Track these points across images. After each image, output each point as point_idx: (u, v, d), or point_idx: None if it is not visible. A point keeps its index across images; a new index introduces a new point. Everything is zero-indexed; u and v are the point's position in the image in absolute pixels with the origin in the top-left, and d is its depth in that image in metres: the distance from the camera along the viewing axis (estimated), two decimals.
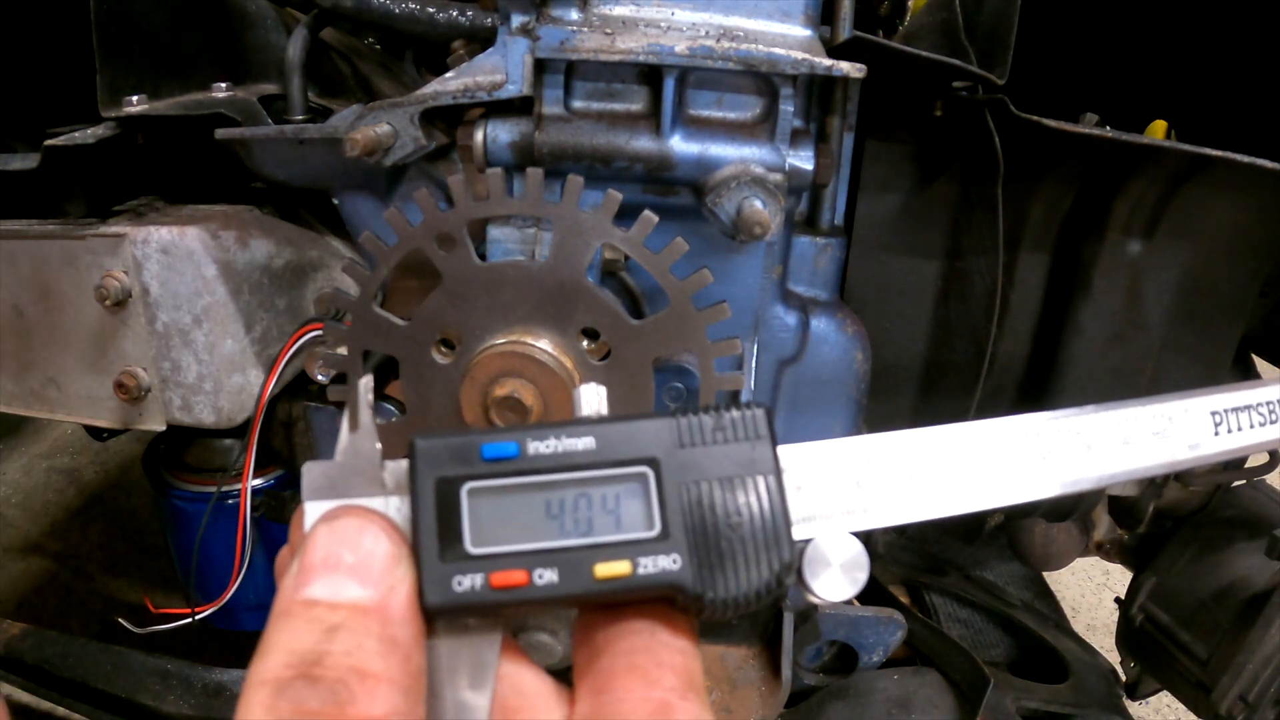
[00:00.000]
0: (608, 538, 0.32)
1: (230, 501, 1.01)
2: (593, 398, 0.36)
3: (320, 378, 0.87)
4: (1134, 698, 1.32)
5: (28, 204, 0.93)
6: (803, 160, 0.78)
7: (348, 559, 0.30)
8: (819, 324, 0.90)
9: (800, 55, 0.73)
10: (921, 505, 0.36)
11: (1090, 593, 2.23)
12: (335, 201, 0.91)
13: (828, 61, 0.73)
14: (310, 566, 0.30)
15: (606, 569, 0.31)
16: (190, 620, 1.03)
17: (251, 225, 0.92)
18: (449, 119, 0.82)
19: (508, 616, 0.32)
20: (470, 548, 0.31)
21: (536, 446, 0.33)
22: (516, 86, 0.76)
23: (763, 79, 0.76)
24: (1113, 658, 1.32)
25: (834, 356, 0.91)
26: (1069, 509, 1.18)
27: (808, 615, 1.01)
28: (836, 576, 0.34)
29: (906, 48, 0.78)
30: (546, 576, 0.31)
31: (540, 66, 0.75)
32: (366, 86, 1.06)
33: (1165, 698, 1.35)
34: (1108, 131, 0.82)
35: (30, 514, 2.24)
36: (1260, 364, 1.20)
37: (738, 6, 0.76)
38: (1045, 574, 1.51)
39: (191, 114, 0.88)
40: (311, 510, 0.32)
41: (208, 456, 1.09)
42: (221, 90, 0.92)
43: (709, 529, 0.32)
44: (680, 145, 0.76)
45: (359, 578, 0.30)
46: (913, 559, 1.46)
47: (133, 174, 0.98)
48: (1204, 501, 1.25)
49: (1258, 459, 1.19)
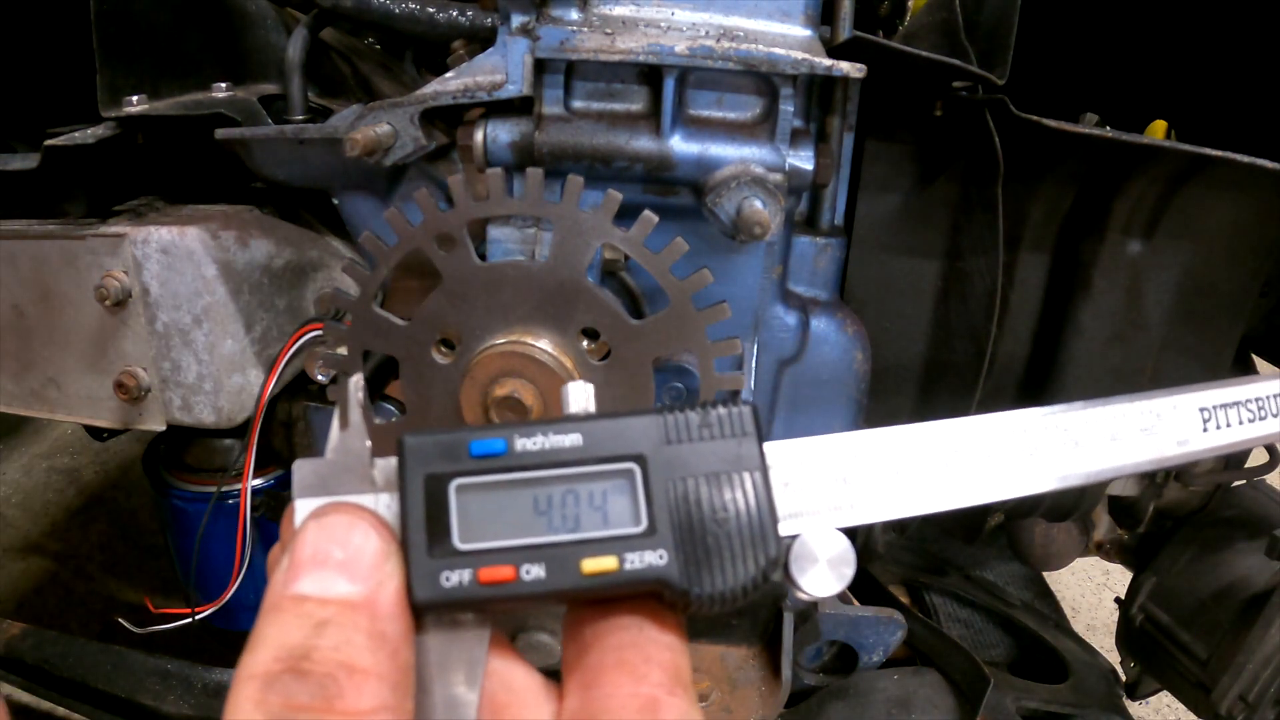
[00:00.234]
0: (595, 533, 0.32)
1: (230, 501, 1.01)
2: (580, 395, 0.36)
3: (320, 378, 0.87)
4: (1134, 698, 1.32)
5: (28, 204, 0.93)
6: (803, 160, 0.78)
7: (337, 555, 0.30)
8: (819, 324, 0.90)
9: (800, 55, 0.73)
10: (908, 501, 0.36)
11: (1090, 593, 2.23)
12: (335, 201, 0.91)
13: (828, 61, 0.73)
14: (300, 562, 0.30)
15: (593, 564, 0.31)
16: (190, 620, 1.03)
17: (251, 225, 0.92)
18: (449, 119, 0.82)
19: (496, 612, 0.32)
20: (458, 544, 0.31)
21: (524, 443, 0.33)
22: (516, 86, 0.76)
23: (763, 79, 0.76)
24: (1113, 658, 1.32)
25: (834, 356, 0.91)
26: (1069, 509, 1.18)
27: (808, 615, 1.01)
28: (823, 572, 0.35)
29: (906, 48, 0.78)
30: (534, 572, 0.31)
31: (540, 66, 0.75)
32: (366, 86, 1.06)
33: (1165, 698, 1.35)
34: (1108, 131, 0.82)
35: (30, 514, 2.24)
36: (1260, 364, 1.20)
37: (738, 6, 0.76)
38: (1045, 574, 1.51)
39: (191, 114, 0.88)
40: (302, 507, 0.32)
41: (208, 456, 1.09)
42: (221, 90, 0.92)
43: (695, 525, 0.32)
44: (680, 145, 0.76)
45: (348, 573, 0.30)
46: (913, 559, 1.45)
47: (133, 174, 0.98)
48: (1204, 501, 1.25)
49: (1257, 459, 1.19)
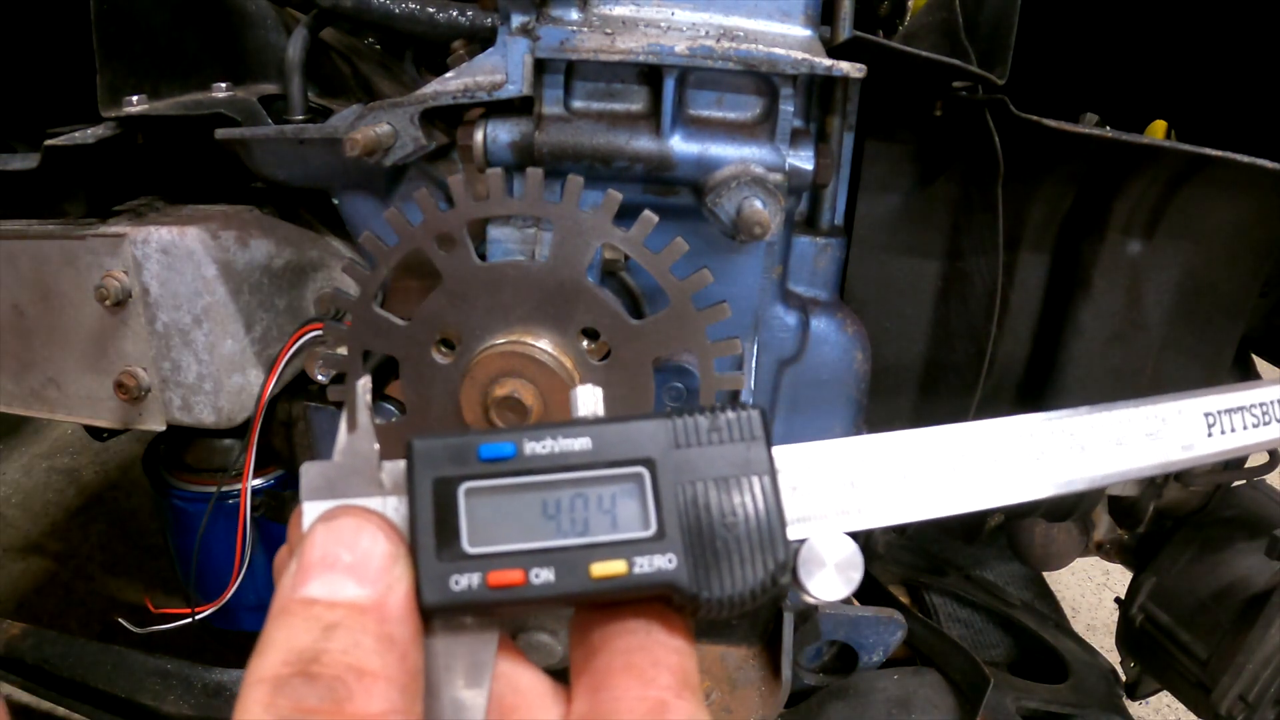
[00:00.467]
0: (604, 537, 0.32)
1: (230, 501, 1.01)
2: (589, 398, 0.36)
3: (320, 378, 0.87)
4: (1134, 698, 1.32)
5: (28, 204, 0.93)
6: (803, 160, 0.78)
7: (345, 558, 0.30)
8: (819, 324, 0.90)
9: (800, 55, 0.73)
10: (916, 506, 0.37)
11: (1090, 593, 2.23)
12: (335, 201, 0.91)
13: (828, 61, 0.73)
14: (308, 565, 0.30)
15: (602, 568, 0.31)
16: (190, 620, 1.03)
17: (251, 225, 0.92)
18: (449, 119, 0.82)
19: (505, 615, 0.32)
20: (467, 547, 0.31)
21: (533, 447, 0.33)
22: (516, 86, 0.76)
23: (763, 79, 0.76)
24: (1113, 658, 1.32)
25: (834, 356, 0.91)
26: (1069, 509, 1.18)
27: (808, 615, 1.01)
28: (831, 576, 0.35)
29: (906, 48, 0.78)
30: (543, 576, 0.31)
31: (540, 66, 0.75)
32: (366, 86, 1.06)
33: (1165, 698, 1.35)
34: (1108, 131, 0.82)
35: (30, 514, 2.24)
36: (1260, 364, 1.20)
37: (738, 6, 0.76)
38: (1045, 574, 1.51)
39: (191, 114, 0.88)
40: (310, 510, 0.32)
41: (208, 456, 1.09)
42: (221, 90, 0.92)
43: (704, 529, 0.32)
44: (680, 145, 0.76)
45: (357, 576, 0.30)
46: (913, 559, 1.45)
47: (133, 174, 0.98)
48: (1204, 501, 1.25)
49: (1257, 459, 1.19)
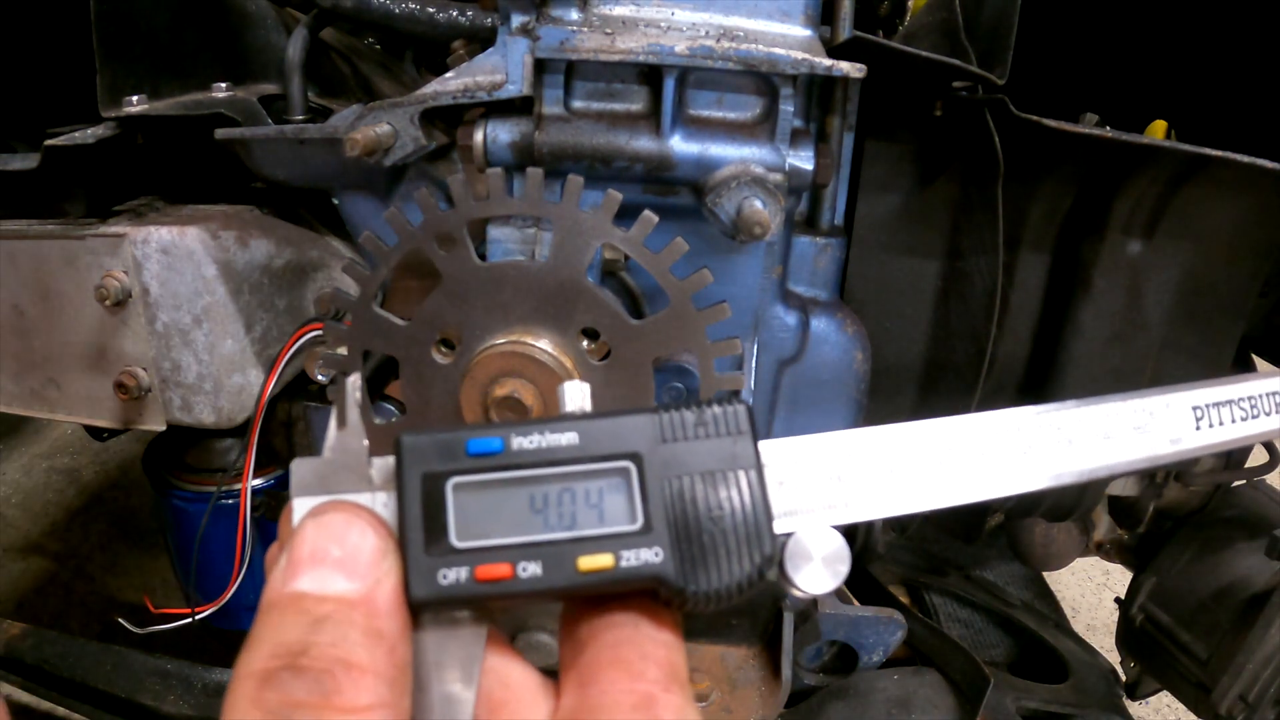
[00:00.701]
0: (591, 531, 0.32)
1: (230, 501, 1.01)
2: (576, 394, 0.36)
3: (320, 378, 0.87)
4: (1134, 698, 1.32)
5: (28, 204, 0.93)
6: (803, 160, 0.78)
7: (334, 553, 0.31)
8: (819, 324, 0.90)
9: (800, 55, 0.73)
10: (903, 499, 0.37)
11: (1090, 593, 2.23)
12: (335, 201, 0.91)
13: (828, 61, 0.73)
14: (298, 560, 0.31)
15: (589, 562, 0.32)
16: (190, 620, 1.03)
17: (251, 225, 0.92)
18: (449, 119, 0.82)
19: (493, 609, 0.33)
20: (455, 542, 0.31)
21: (520, 442, 0.33)
22: (516, 86, 0.76)
23: (763, 79, 0.76)
24: (1113, 658, 1.32)
25: (834, 356, 0.91)
26: (1069, 509, 1.18)
27: (808, 615, 1.01)
28: (818, 570, 0.35)
29: (906, 48, 0.78)
30: (530, 569, 0.31)
31: (540, 66, 0.75)
32: (366, 86, 1.06)
33: (1165, 698, 1.35)
34: (1108, 131, 0.82)
35: (30, 514, 2.24)
36: (1260, 364, 1.20)
37: (738, 6, 0.76)
38: (1045, 574, 1.51)
39: (191, 114, 0.88)
40: (300, 506, 0.32)
41: (208, 456, 1.09)
42: (221, 90, 0.92)
43: (691, 522, 0.33)
44: (680, 145, 0.76)
45: (345, 571, 0.30)
46: (913, 559, 1.45)
47: (133, 174, 0.98)
48: (1204, 501, 1.25)
49: (1257, 459, 1.19)
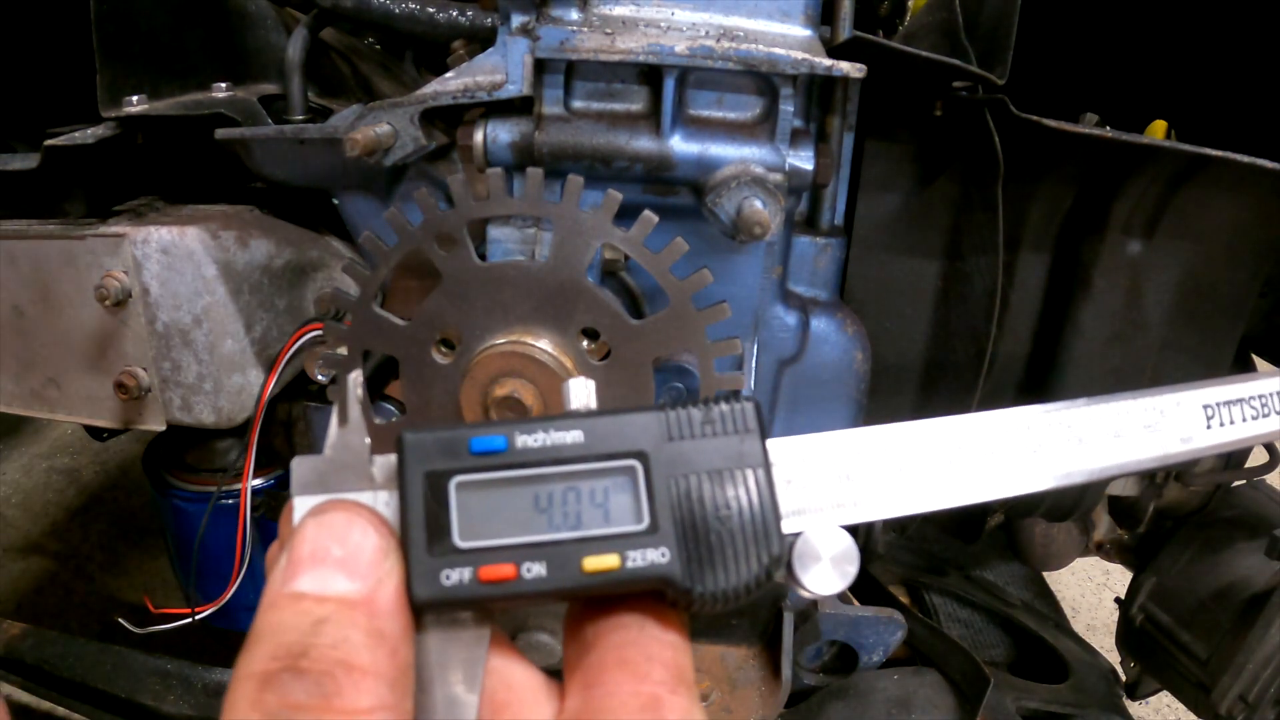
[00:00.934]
0: (596, 531, 0.32)
1: (230, 501, 1.01)
2: (581, 392, 0.36)
3: (320, 378, 0.87)
4: (1134, 698, 1.32)
5: (28, 204, 0.93)
6: (803, 160, 0.78)
7: (336, 552, 0.30)
8: (819, 324, 0.90)
9: (800, 55, 0.73)
10: (912, 498, 0.36)
11: (1090, 593, 2.23)
12: (335, 201, 0.91)
13: (828, 61, 0.73)
14: (298, 560, 0.30)
15: (595, 562, 0.31)
16: (190, 620, 1.03)
17: (251, 225, 0.92)
18: (449, 119, 0.82)
19: (497, 610, 0.32)
20: (458, 542, 0.31)
21: (525, 440, 0.32)
22: (516, 86, 0.76)
23: (763, 79, 0.76)
24: (1113, 658, 1.32)
25: (834, 356, 0.91)
26: (1069, 509, 1.18)
27: (808, 615, 1.01)
28: (826, 570, 0.34)
29: (906, 48, 0.78)
30: (535, 570, 0.31)
31: (540, 66, 0.75)
32: (366, 86, 1.06)
33: (1165, 698, 1.35)
34: (1108, 131, 0.82)
35: (30, 514, 2.24)
36: (1260, 364, 1.20)
37: (738, 6, 0.76)
38: (1045, 574, 1.51)
39: (191, 114, 0.88)
40: (300, 505, 0.32)
41: (208, 456, 1.09)
42: (221, 90, 0.92)
43: (698, 522, 0.32)
44: (680, 145, 0.76)
45: (347, 571, 0.30)
46: (913, 559, 1.45)
47: (133, 174, 0.98)
48: (1204, 501, 1.25)
49: (1257, 458, 1.19)
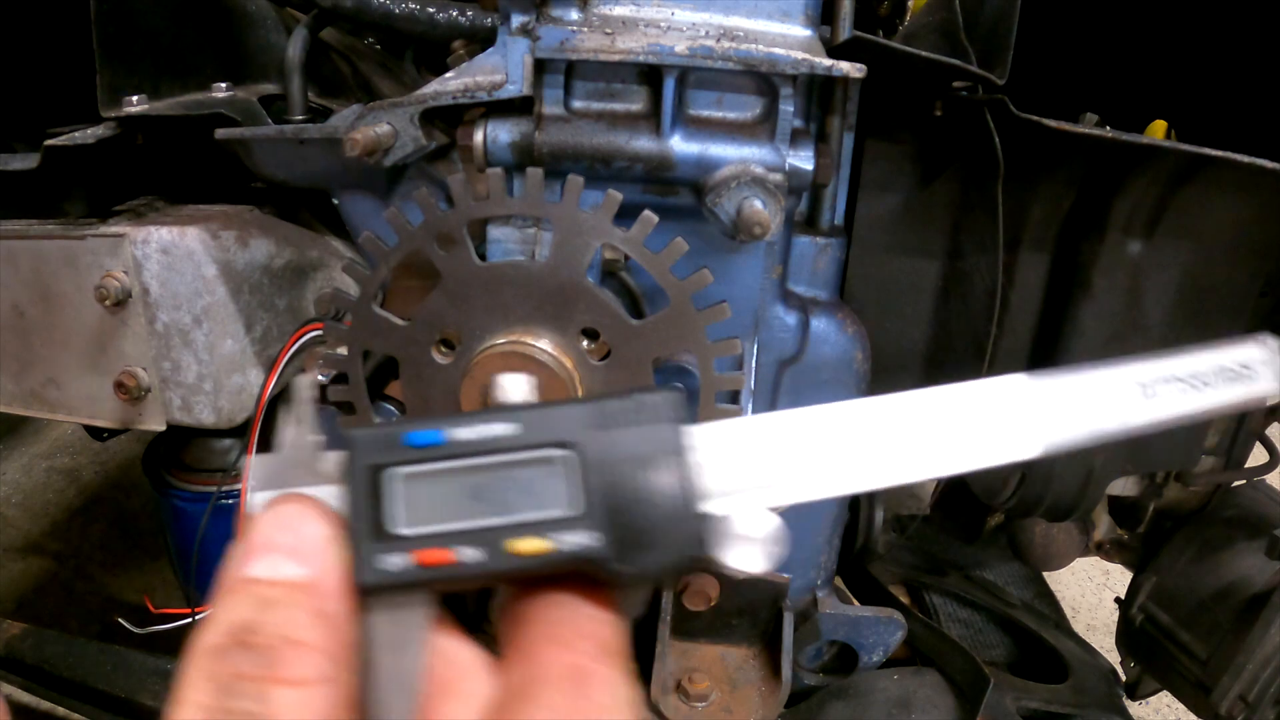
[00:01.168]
0: (529, 516, 0.34)
1: (230, 501, 1.01)
2: (515, 387, 0.38)
3: (320, 378, 0.87)
4: (1134, 698, 1.32)
5: (28, 204, 0.93)
6: (803, 160, 0.78)
7: (286, 541, 0.33)
8: (819, 324, 0.90)
9: (800, 55, 0.73)
10: (836, 479, 0.37)
11: (1090, 593, 2.23)
12: (335, 201, 0.91)
13: (828, 61, 0.73)
14: (252, 548, 0.33)
15: (527, 545, 0.33)
16: (190, 620, 1.03)
17: (251, 225, 0.92)
18: (449, 119, 0.82)
19: (437, 592, 0.34)
20: (399, 529, 0.33)
21: (459, 433, 0.35)
22: (516, 86, 0.76)
23: (763, 79, 0.76)
24: (1113, 658, 1.32)
25: (834, 356, 0.91)
26: (1069, 509, 1.18)
27: (808, 615, 1.01)
28: (751, 549, 0.36)
29: (906, 48, 0.78)
30: (471, 554, 0.33)
31: (540, 66, 0.75)
32: (366, 86, 1.06)
33: (1165, 698, 1.35)
34: (1108, 131, 0.82)
35: (30, 514, 2.24)
36: None
37: (738, 6, 0.76)
38: (1045, 574, 1.51)
39: (191, 114, 0.88)
40: (257, 500, 0.35)
41: (207, 456, 1.09)
42: (221, 90, 0.92)
43: (625, 506, 0.34)
44: (680, 145, 0.76)
45: (296, 558, 0.32)
46: (913, 559, 1.45)
47: (133, 174, 0.98)
48: (1204, 501, 1.25)
49: (1257, 458, 1.19)
